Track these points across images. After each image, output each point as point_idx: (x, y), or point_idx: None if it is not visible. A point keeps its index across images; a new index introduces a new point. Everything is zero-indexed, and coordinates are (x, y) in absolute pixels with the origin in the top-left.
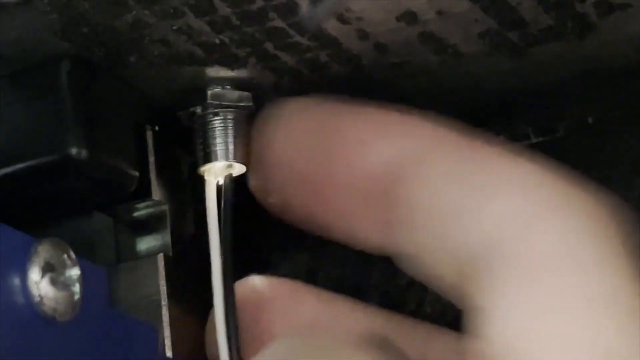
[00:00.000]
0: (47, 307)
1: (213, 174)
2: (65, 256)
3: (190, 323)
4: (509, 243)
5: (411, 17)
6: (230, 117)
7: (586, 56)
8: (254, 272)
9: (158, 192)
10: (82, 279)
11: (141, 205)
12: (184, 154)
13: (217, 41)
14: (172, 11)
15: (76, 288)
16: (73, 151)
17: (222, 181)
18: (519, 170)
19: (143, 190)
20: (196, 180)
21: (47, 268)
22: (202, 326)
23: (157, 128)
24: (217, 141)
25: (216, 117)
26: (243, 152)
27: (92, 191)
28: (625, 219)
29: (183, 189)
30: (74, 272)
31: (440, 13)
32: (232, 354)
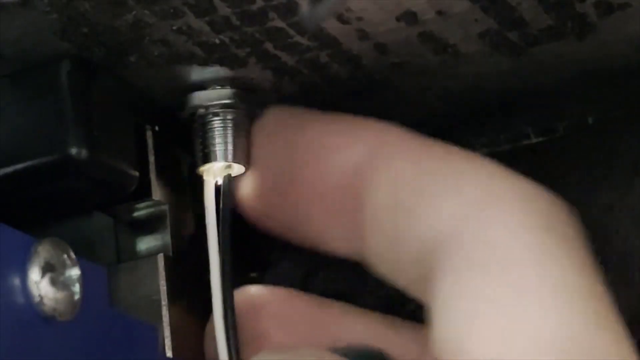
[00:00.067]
0: (47, 307)
1: (212, 174)
2: (65, 256)
3: (190, 323)
4: (457, 238)
5: (411, 17)
6: (229, 118)
7: (586, 56)
8: (254, 272)
9: (158, 192)
10: (82, 279)
11: (141, 205)
12: (184, 154)
13: (217, 41)
14: (172, 11)
15: (76, 288)
16: (73, 151)
17: (221, 181)
18: (470, 168)
19: (143, 190)
20: (196, 180)
21: (47, 268)
22: (202, 326)
23: (157, 128)
24: (217, 141)
25: (216, 118)
26: (242, 153)
27: (92, 191)
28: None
29: (183, 189)
30: (74, 272)
31: (440, 13)
32: (231, 353)
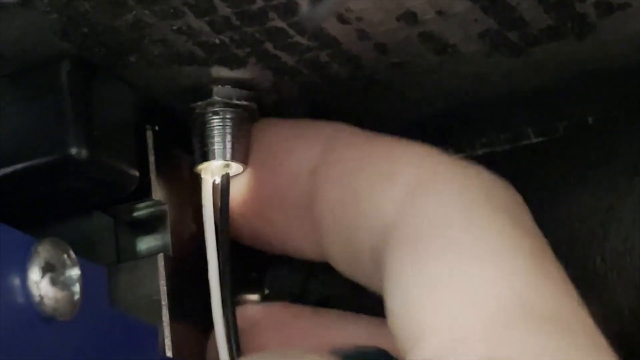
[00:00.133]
0: (47, 307)
1: (210, 173)
2: (65, 256)
3: (190, 323)
4: (400, 222)
5: (411, 17)
6: (229, 117)
7: (586, 56)
8: (254, 272)
9: (158, 192)
10: (82, 279)
11: (141, 205)
12: (184, 154)
13: (217, 41)
14: (172, 11)
15: (76, 288)
16: (73, 151)
17: (219, 180)
18: (407, 155)
19: (143, 190)
20: (197, 179)
21: (47, 268)
22: (202, 326)
23: (157, 128)
24: (215, 140)
25: (215, 117)
26: (241, 152)
27: (92, 191)
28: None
29: (183, 189)
30: (74, 272)
31: (440, 13)
32: (232, 352)
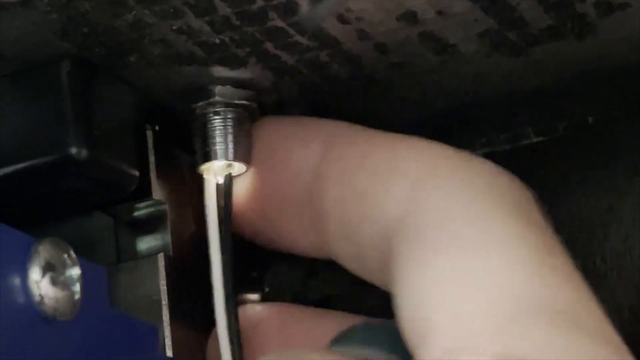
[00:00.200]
0: (47, 307)
1: (212, 173)
2: (65, 256)
3: (190, 323)
4: (406, 219)
5: (411, 17)
6: (230, 117)
7: (586, 56)
8: (254, 272)
9: (158, 192)
10: (82, 279)
11: (141, 205)
12: (184, 154)
13: (217, 41)
14: (172, 11)
15: (76, 288)
16: (73, 151)
17: (222, 180)
18: (411, 151)
19: (143, 190)
20: (196, 179)
21: (48, 268)
22: (202, 326)
23: (157, 128)
24: (217, 140)
25: (216, 117)
26: (243, 152)
27: (92, 191)
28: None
29: (183, 189)
30: (74, 272)
31: (440, 13)
32: (234, 352)
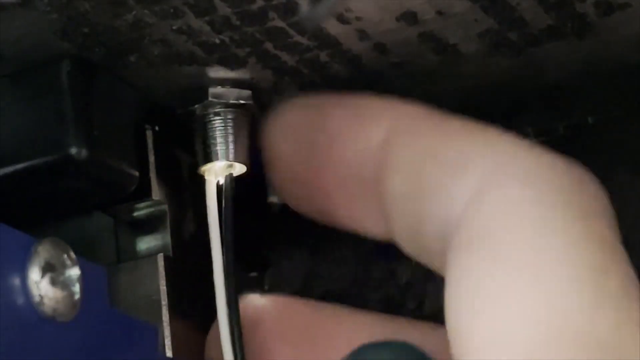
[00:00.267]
0: (47, 307)
1: (213, 174)
2: (65, 256)
3: (190, 323)
4: (464, 220)
5: (411, 17)
6: (230, 117)
7: (586, 56)
8: (254, 272)
9: (158, 192)
10: (82, 279)
11: (141, 205)
12: (184, 154)
13: (217, 41)
14: (172, 11)
15: (76, 288)
16: (73, 151)
17: (223, 181)
18: (483, 144)
19: (143, 190)
20: (196, 180)
21: (47, 268)
22: (202, 326)
23: (157, 128)
24: (218, 141)
25: (217, 117)
26: (243, 152)
27: (92, 191)
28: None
29: (183, 189)
30: (74, 272)
31: (440, 13)
32: (237, 352)
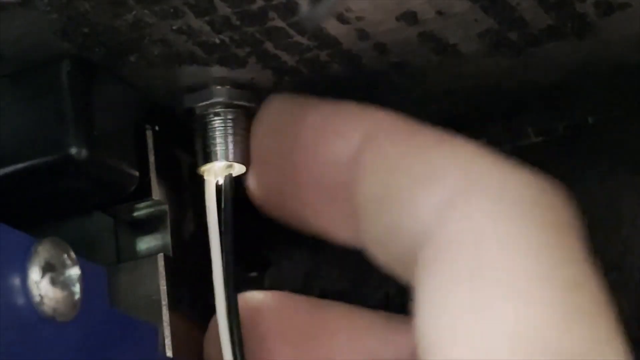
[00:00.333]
0: (47, 307)
1: (213, 174)
2: (65, 256)
3: (190, 323)
4: (435, 231)
5: (411, 17)
6: (230, 117)
7: (586, 56)
8: (254, 272)
9: (158, 192)
10: (82, 279)
11: (141, 205)
12: (184, 154)
13: (217, 41)
14: (172, 11)
15: (76, 288)
16: (73, 151)
17: (222, 181)
18: (456, 155)
19: (143, 190)
20: (197, 180)
21: (47, 268)
22: (202, 326)
23: (157, 128)
24: (217, 141)
25: (216, 117)
26: (243, 152)
27: (92, 191)
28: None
29: (183, 189)
30: (74, 272)
31: (440, 13)
32: (236, 354)
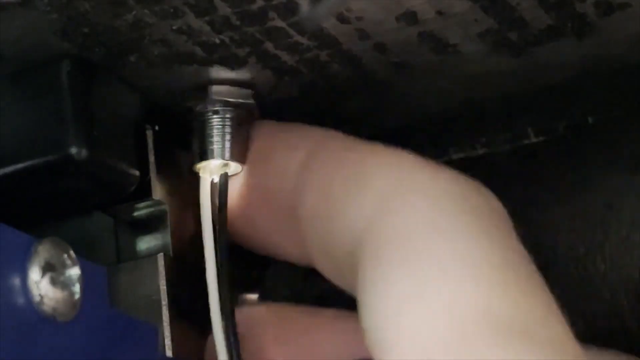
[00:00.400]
0: (47, 307)
1: (208, 172)
2: (65, 256)
3: (190, 323)
4: (371, 232)
5: (411, 17)
6: (229, 116)
7: (586, 56)
8: (253, 272)
9: (158, 192)
10: (82, 279)
11: (141, 205)
12: (184, 154)
13: (217, 41)
14: (172, 11)
15: (76, 288)
16: (73, 151)
17: (217, 179)
18: (386, 162)
19: (143, 190)
20: (197, 179)
21: (47, 268)
22: (202, 326)
23: (157, 128)
24: (215, 139)
25: (215, 116)
26: (240, 151)
27: (92, 191)
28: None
29: (183, 189)
30: (74, 272)
31: (440, 13)
32: (232, 353)
